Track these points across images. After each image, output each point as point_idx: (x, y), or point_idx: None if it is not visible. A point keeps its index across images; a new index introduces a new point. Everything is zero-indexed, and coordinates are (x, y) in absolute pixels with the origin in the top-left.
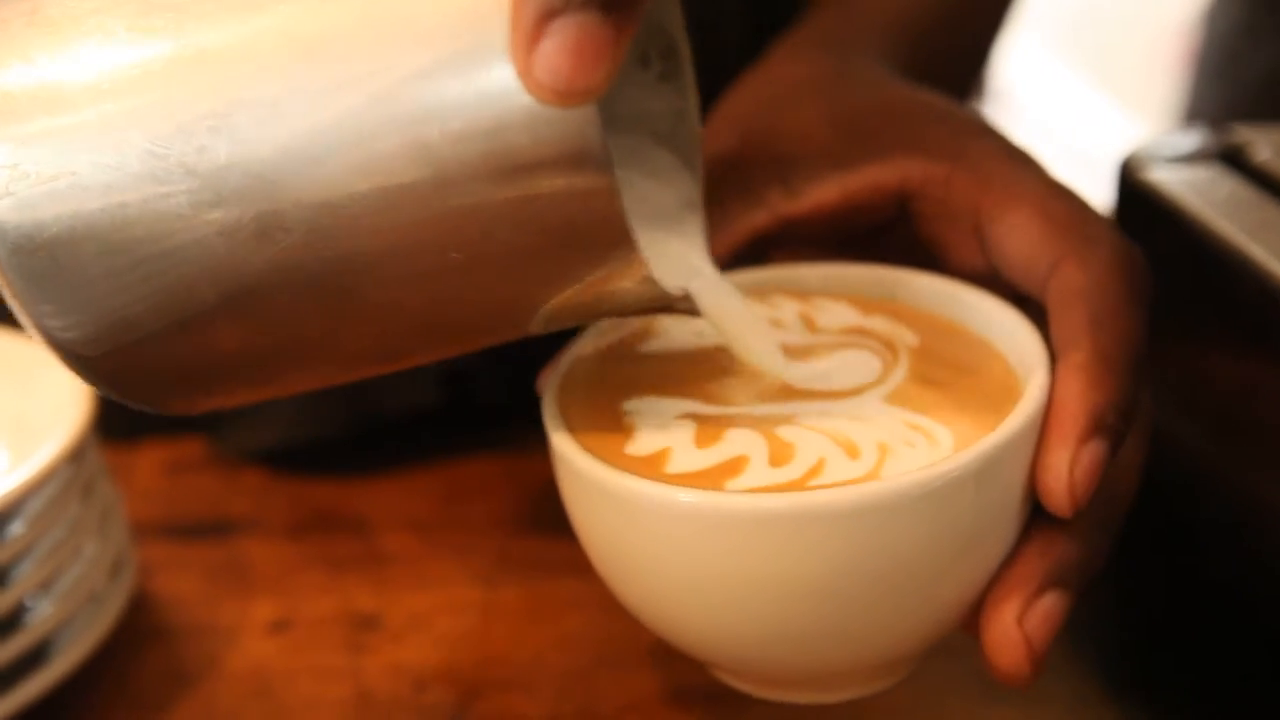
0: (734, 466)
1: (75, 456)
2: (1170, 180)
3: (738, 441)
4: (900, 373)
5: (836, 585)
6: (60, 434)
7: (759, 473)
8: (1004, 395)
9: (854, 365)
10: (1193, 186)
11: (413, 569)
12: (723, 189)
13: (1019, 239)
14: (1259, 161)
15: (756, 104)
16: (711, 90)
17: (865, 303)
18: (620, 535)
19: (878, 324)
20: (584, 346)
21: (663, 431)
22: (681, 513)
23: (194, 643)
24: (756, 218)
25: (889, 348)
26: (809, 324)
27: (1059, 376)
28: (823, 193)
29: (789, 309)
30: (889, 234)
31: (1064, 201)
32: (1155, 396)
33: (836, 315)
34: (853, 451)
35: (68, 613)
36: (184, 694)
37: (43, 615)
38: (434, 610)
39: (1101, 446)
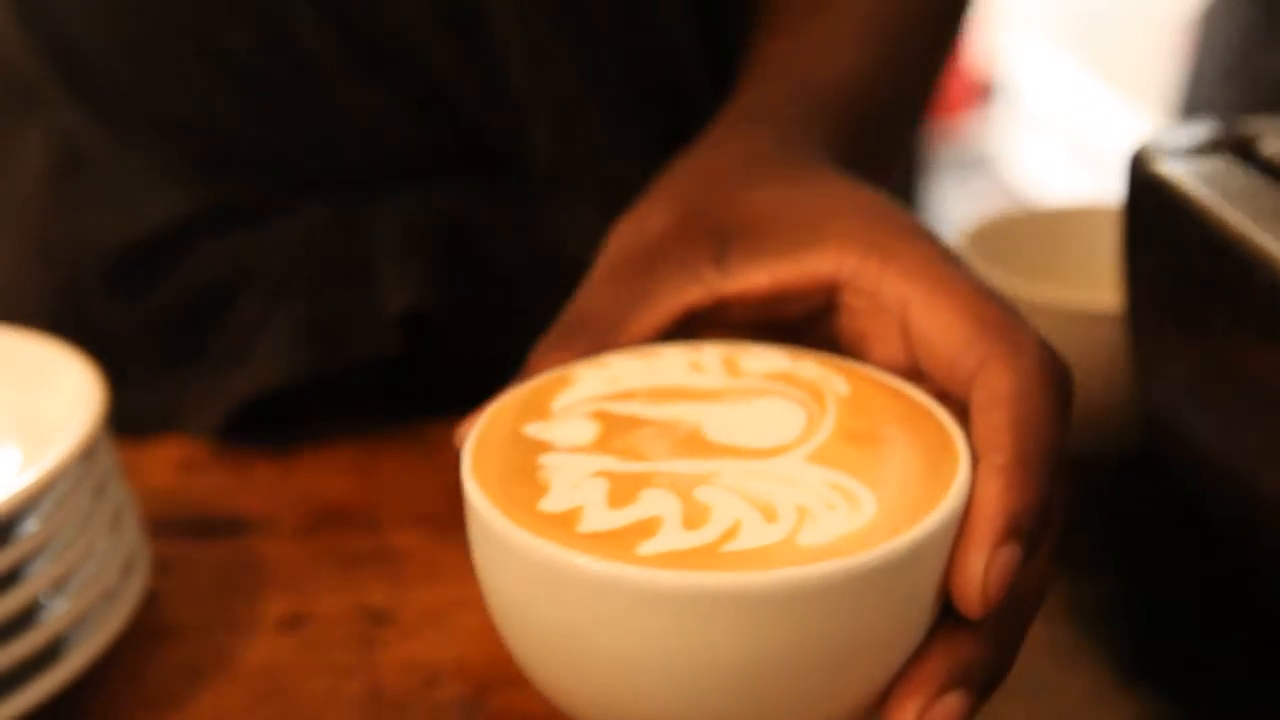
0: (647, 528)
1: (87, 455)
2: (1181, 172)
3: (651, 501)
4: (826, 427)
5: (731, 667)
6: (72, 433)
7: (672, 535)
8: (937, 453)
9: (774, 417)
10: (1204, 178)
11: (425, 565)
12: (658, 263)
13: (947, 336)
14: (1270, 154)
15: (697, 180)
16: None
17: (795, 350)
18: (521, 594)
19: (807, 370)
20: (504, 398)
21: (576, 490)
22: (584, 579)
23: (206, 640)
24: (691, 293)
25: (816, 397)
26: (731, 368)
27: (979, 476)
28: (756, 274)
29: (712, 353)
30: (814, 327)
31: (994, 305)
32: (1155, 397)
33: (764, 360)
34: (770, 514)
35: (81, 610)
36: (197, 691)
37: (56, 613)
38: (447, 606)
39: (1016, 550)
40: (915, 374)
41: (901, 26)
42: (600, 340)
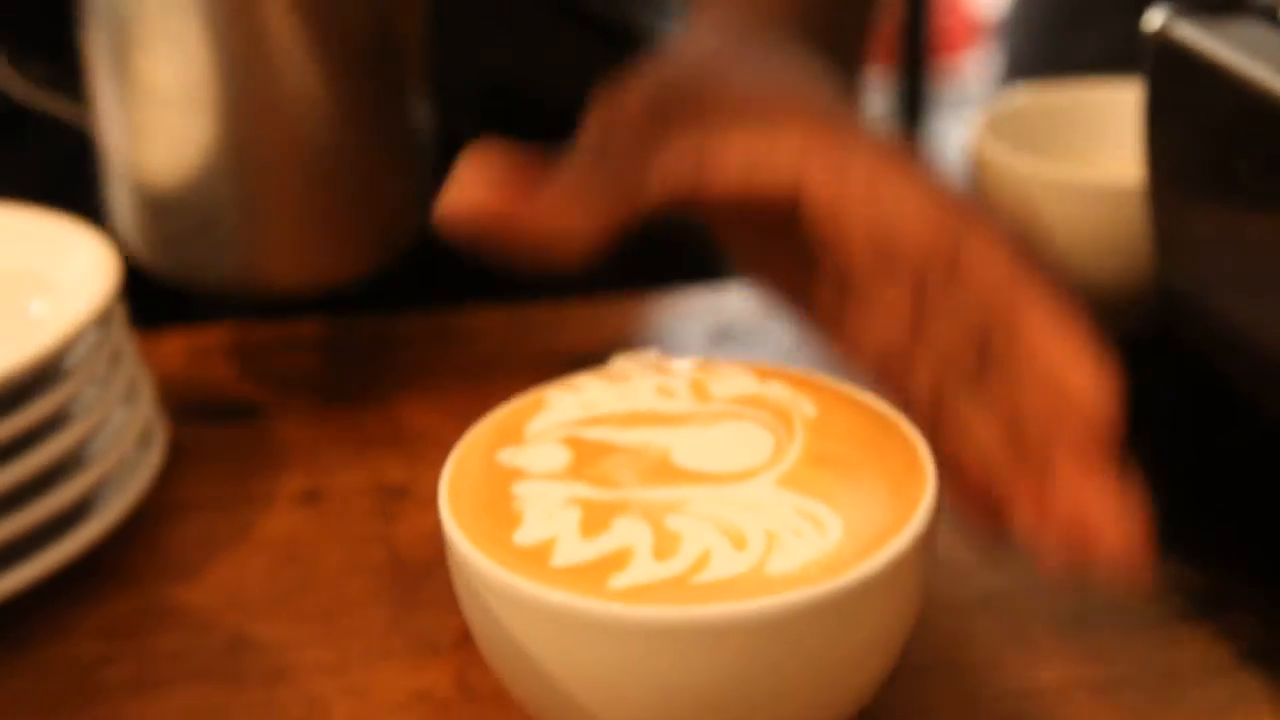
0: (618, 560)
1: (104, 319)
2: (1203, 33)
3: (623, 531)
4: (794, 451)
5: (705, 695)
6: (89, 295)
7: (643, 567)
8: (904, 474)
9: (743, 441)
10: (1226, 38)
11: (441, 444)
12: (631, 156)
13: (919, 218)
14: None
15: (672, 68)
16: None
17: (763, 370)
18: (506, 628)
19: (774, 391)
20: (480, 424)
21: (549, 520)
22: (556, 616)
23: (224, 514)
24: (668, 181)
25: (783, 420)
26: (700, 392)
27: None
28: (729, 169)
29: (681, 376)
30: (782, 237)
31: (956, 190)
32: (1175, 272)
33: (732, 383)
34: (739, 542)
35: (100, 476)
36: (217, 560)
37: (76, 478)
38: None
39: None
40: (886, 258)
41: None
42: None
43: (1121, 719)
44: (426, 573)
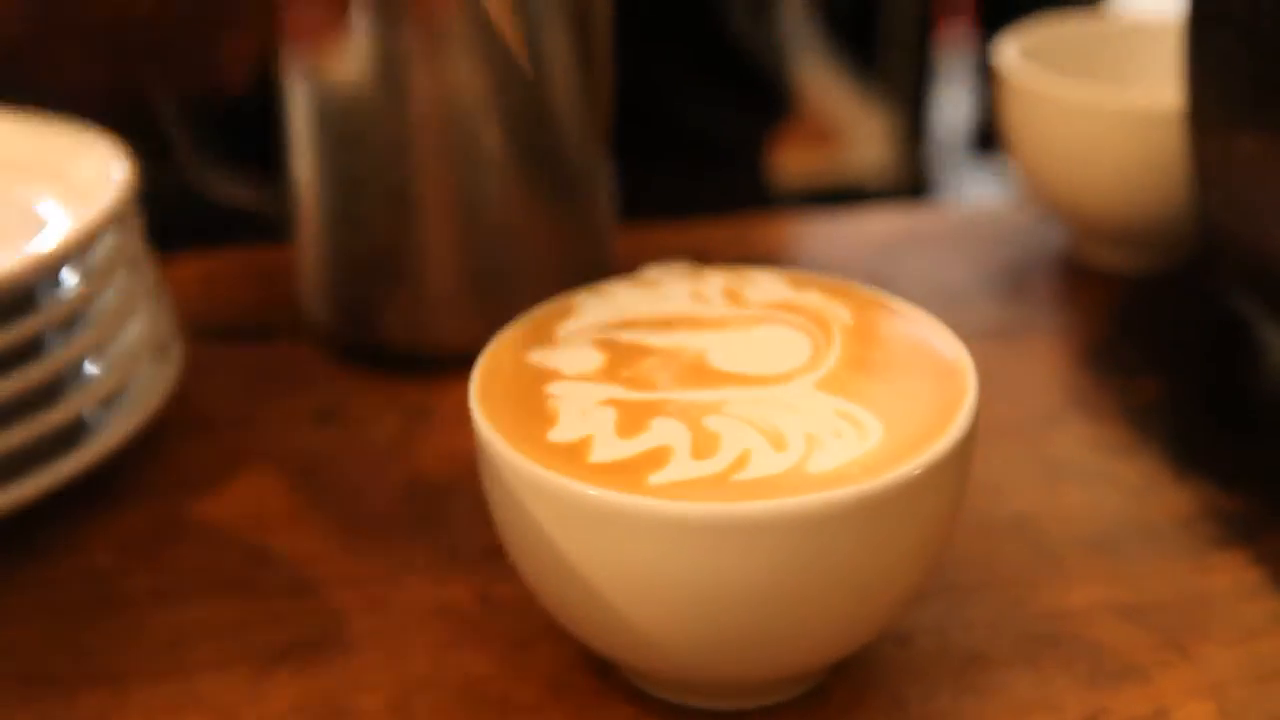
0: (657, 458)
1: (122, 220)
2: None
3: (661, 431)
4: (833, 356)
5: (743, 594)
6: (107, 193)
7: (682, 465)
8: (945, 379)
9: (780, 345)
10: None
11: (461, 368)
12: None
13: None
14: None
15: None
16: None
17: (797, 278)
18: (540, 527)
19: (810, 298)
20: (508, 329)
21: (584, 419)
22: (596, 511)
23: (242, 432)
24: None
25: (821, 326)
26: (734, 298)
27: None
28: None
29: (715, 282)
30: None
31: None
32: (1214, 199)
33: (766, 289)
34: (779, 443)
35: (118, 382)
36: (235, 477)
37: (91, 385)
38: None
39: None
40: None
41: None
42: None
43: (1153, 641)
44: (447, 492)
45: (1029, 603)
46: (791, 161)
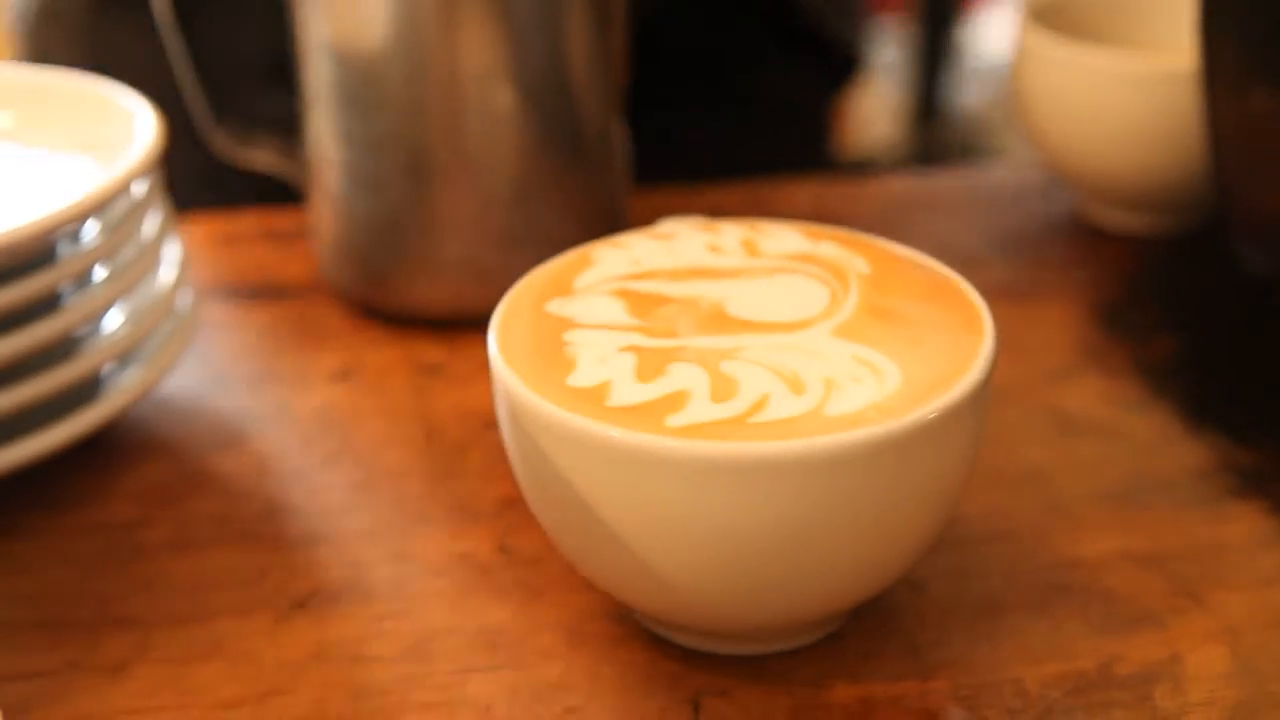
0: (675, 401)
1: (149, 171)
2: None
3: (679, 376)
4: (850, 304)
5: (761, 536)
6: (135, 149)
7: (701, 408)
8: (962, 327)
9: (797, 293)
10: None
11: (477, 326)
12: None
13: None
14: None
15: None
16: None
17: (813, 230)
18: (559, 471)
19: (826, 250)
20: (526, 278)
21: (603, 365)
22: (615, 452)
23: (258, 389)
24: None
25: (838, 275)
26: (751, 249)
27: None
28: None
29: (731, 234)
30: None
31: None
32: (1227, 160)
33: (782, 241)
34: (797, 387)
35: (142, 331)
36: (252, 432)
37: (116, 332)
38: None
39: None
40: None
41: None
42: None
43: (1168, 588)
44: (464, 446)
45: (1043, 552)
46: None
